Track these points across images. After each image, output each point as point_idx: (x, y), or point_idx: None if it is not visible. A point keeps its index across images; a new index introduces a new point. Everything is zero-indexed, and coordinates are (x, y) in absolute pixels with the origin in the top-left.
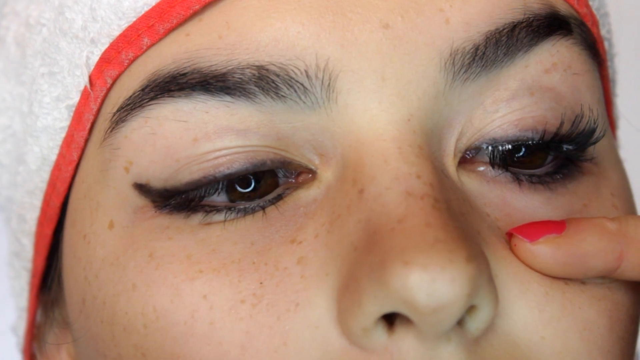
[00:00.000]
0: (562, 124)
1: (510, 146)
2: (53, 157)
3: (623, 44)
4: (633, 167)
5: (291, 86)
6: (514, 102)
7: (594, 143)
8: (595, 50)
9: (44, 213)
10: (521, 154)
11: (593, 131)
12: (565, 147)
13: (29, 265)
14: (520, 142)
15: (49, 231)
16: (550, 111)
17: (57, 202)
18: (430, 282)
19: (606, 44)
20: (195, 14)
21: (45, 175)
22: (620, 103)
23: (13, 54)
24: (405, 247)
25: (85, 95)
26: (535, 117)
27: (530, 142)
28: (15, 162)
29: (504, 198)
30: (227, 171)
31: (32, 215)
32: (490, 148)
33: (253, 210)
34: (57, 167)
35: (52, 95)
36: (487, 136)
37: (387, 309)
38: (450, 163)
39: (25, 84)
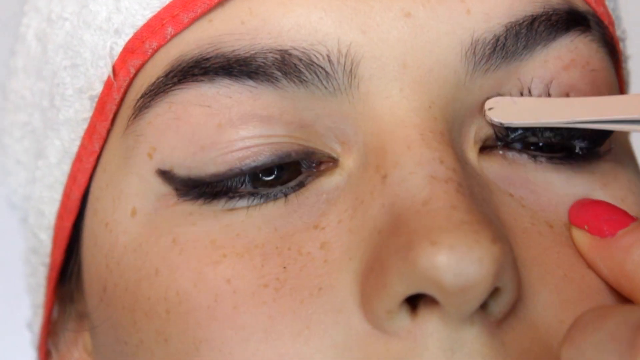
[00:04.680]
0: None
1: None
2: (74, 149)
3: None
4: None
5: (313, 71)
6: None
7: (608, 136)
8: (612, 48)
9: (63, 206)
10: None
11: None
12: (578, 144)
13: (47, 260)
14: (536, 136)
15: (68, 224)
16: None
17: (77, 194)
18: (458, 262)
19: (620, 44)
20: (219, 2)
21: (66, 167)
22: None
23: (34, 50)
24: (432, 227)
25: (108, 86)
26: None
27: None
28: (33, 158)
29: (526, 177)
30: (253, 164)
31: (52, 209)
32: (510, 135)
33: (275, 197)
34: (78, 159)
35: (74, 87)
36: (506, 131)
37: (413, 289)
38: (471, 150)
39: (46, 79)
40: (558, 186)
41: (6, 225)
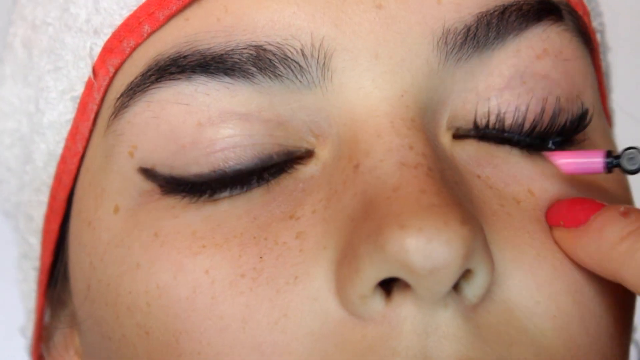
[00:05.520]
0: (552, 121)
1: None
2: (59, 151)
3: (625, 44)
4: None
5: (287, 65)
6: (506, 92)
7: (584, 128)
8: (587, 38)
9: (50, 208)
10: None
11: (584, 119)
12: (552, 141)
13: (37, 263)
14: (503, 135)
15: (55, 226)
16: (542, 102)
17: (62, 195)
18: (427, 244)
19: (598, 36)
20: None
21: (51, 170)
22: (627, 103)
23: (20, 57)
24: (401, 212)
25: (89, 86)
26: (524, 113)
27: (514, 136)
28: (22, 165)
29: (492, 155)
30: (237, 167)
31: (39, 212)
32: (482, 132)
33: (258, 183)
34: (62, 161)
35: (58, 89)
36: (479, 125)
37: (385, 273)
38: (444, 136)
39: (32, 85)
40: (519, 159)
41: (4, 234)
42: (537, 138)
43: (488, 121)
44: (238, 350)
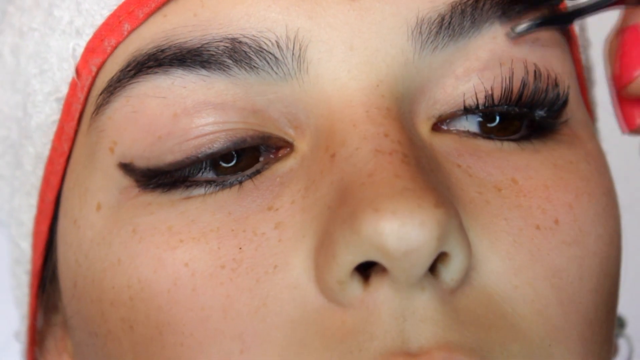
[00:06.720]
0: (534, 87)
1: (482, 115)
2: (46, 153)
3: None
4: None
5: (263, 57)
6: (485, 71)
7: (565, 103)
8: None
9: (39, 210)
10: (495, 123)
11: (566, 98)
12: (537, 113)
13: (28, 267)
14: (493, 108)
15: (44, 227)
16: (522, 79)
17: (50, 197)
18: (400, 226)
19: (577, 29)
20: None
21: (39, 172)
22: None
23: (9, 65)
24: (375, 196)
25: (73, 87)
26: (507, 86)
27: (503, 107)
28: (14, 171)
29: (476, 147)
30: (208, 151)
31: (29, 216)
32: (465, 117)
33: (231, 184)
34: (50, 162)
35: (43, 92)
36: (461, 105)
37: (360, 257)
38: (422, 125)
39: (20, 91)
40: (505, 153)
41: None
42: (525, 106)
43: (477, 98)
44: (220, 339)
